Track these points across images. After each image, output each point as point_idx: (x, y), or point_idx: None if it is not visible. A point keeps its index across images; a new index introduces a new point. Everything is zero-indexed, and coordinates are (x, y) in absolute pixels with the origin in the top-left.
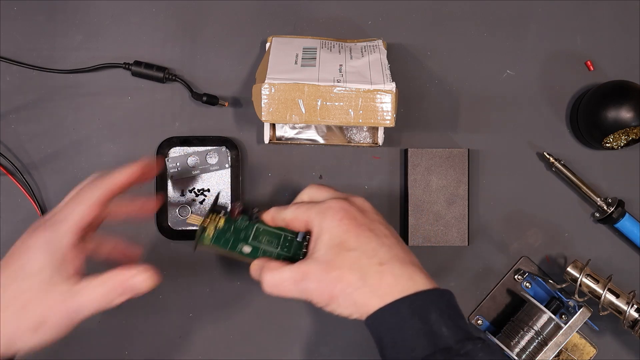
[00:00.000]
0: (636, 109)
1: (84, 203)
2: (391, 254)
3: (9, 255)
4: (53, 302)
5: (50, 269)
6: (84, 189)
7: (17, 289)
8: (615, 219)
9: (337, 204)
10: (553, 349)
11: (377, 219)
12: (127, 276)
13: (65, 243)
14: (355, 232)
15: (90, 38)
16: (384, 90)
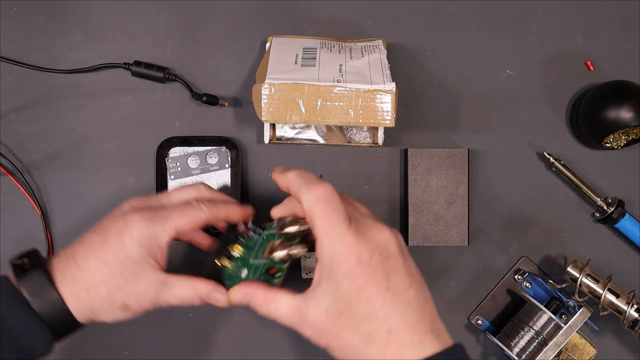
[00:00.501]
0: (636, 109)
1: (193, 215)
2: (403, 319)
3: (109, 226)
4: (144, 290)
5: (146, 260)
6: (201, 201)
7: (115, 270)
8: (615, 219)
9: (354, 253)
10: (553, 349)
11: (399, 266)
12: (212, 291)
13: (163, 240)
14: (369, 294)
15: (90, 38)
16: (384, 90)
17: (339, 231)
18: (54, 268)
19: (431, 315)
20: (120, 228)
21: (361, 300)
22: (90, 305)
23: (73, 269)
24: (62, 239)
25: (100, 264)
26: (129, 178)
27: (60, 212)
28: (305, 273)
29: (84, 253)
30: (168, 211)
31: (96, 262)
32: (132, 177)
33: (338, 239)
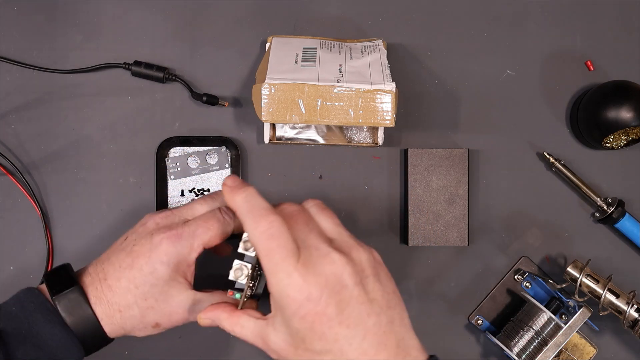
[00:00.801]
0: (636, 109)
1: (220, 229)
2: (361, 351)
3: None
4: (175, 310)
5: (176, 280)
6: (217, 217)
7: (146, 291)
8: (615, 219)
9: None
10: (553, 349)
11: (354, 296)
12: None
13: (192, 258)
14: (320, 332)
15: (90, 38)
16: (384, 90)
17: (284, 270)
18: (87, 288)
19: (396, 338)
20: (149, 250)
21: (314, 337)
22: (124, 325)
23: (106, 291)
24: (62, 239)
25: (133, 286)
26: (129, 178)
27: (60, 212)
28: None
29: (116, 276)
30: (193, 227)
31: (128, 285)
32: (132, 177)
33: (285, 278)
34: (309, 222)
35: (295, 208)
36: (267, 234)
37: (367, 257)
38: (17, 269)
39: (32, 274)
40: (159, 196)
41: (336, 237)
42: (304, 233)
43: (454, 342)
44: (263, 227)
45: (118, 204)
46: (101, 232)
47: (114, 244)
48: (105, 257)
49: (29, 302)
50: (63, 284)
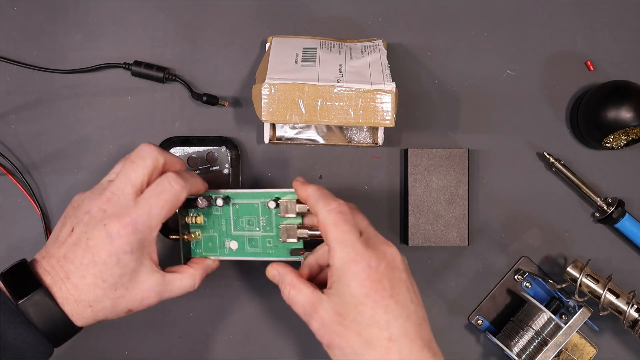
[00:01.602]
0: (636, 109)
1: (169, 204)
2: (403, 330)
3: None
4: (146, 294)
5: (142, 263)
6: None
7: (115, 282)
8: (615, 219)
9: (367, 260)
10: (553, 349)
11: (403, 279)
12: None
13: (152, 238)
14: (374, 299)
15: (90, 38)
16: (384, 90)
17: (350, 239)
18: (51, 288)
19: (428, 335)
20: (108, 243)
21: (366, 304)
22: (95, 317)
23: (72, 290)
24: None
25: (100, 281)
26: None
27: (60, 212)
28: None
29: (80, 274)
30: (147, 208)
31: (95, 280)
32: None
33: (350, 245)
34: (365, 219)
35: (345, 208)
36: (337, 210)
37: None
38: None
39: None
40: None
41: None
42: (362, 224)
43: (454, 342)
44: (334, 206)
45: None
46: None
47: (56, 233)
48: (58, 253)
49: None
50: (25, 285)
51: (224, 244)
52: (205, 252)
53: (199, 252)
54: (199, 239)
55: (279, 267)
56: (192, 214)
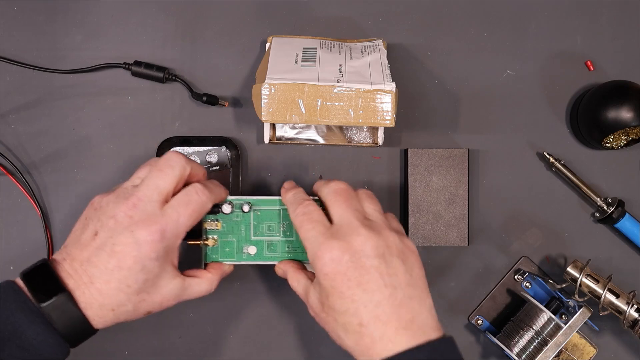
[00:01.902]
0: (636, 109)
1: (196, 214)
2: (374, 315)
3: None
4: (166, 298)
5: (165, 269)
6: (195, 199)
7: (139, 287)
8: (615, 219)
9: (327, 252)
10: (553, 349)
11: (374, 266)
12: (224, 270)
13: (176, 246)
14: (340, 290)
15: (90, 38)
16: (384, 90)
17: (312, 236)
18: (74, 292)
19: (412, 314)
20: (135, 250)
21: (335, 294)
22: (117, 320)
23: (96, 295)
24: (62, 239)
25: (125, 286)
26: (129, 178)
27: (60, 212)
28: None
29: (104, 278)
30: (175, 216)
31: (119, 285)
32: None
33: (314, 242)
34: (351, 200)
35: (343, 186)
36: (301, 212)
37: (397, 241)
38: (17, 269)
39: None
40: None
41: (374, 219)
42: (341, 209)
43: None
44: (299, 209)
45: None
46: None
47: (77, 235)
48: (80, 256)
49: (10, 302)
50: (47, 287)
51: (243, 249)
52: (222, 257)
53: (215, 257)
54: (216, 245)
55: (284, 264)
56: (211, 220)
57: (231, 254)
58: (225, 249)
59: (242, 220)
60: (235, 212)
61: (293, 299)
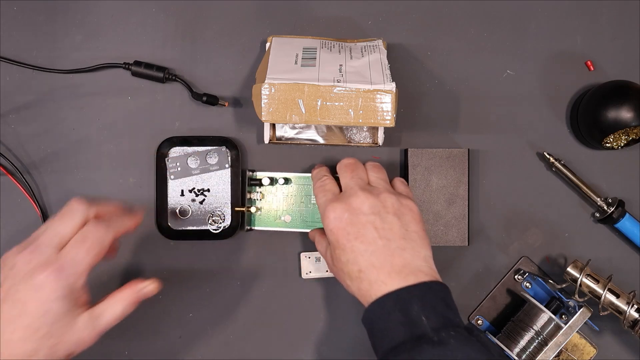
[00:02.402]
0: (636, 109)
1: (94, 249)
2: (370, 262)
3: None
4: (81, 336)
5: (72, 308)
6: (91, 236)
7: (48, 331)
8: (615, 219)
9: (331, 212)
10: (553, 349)
11: (370, 221)
12: (140, 288)
13: (81, 283)
14: (342, 243)
15: (90, 38)
16: (384, 90)
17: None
18: None
19: (404, 261)
20: (35, 292)
21: (338, 247)
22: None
23: (4, 348)
24: None
25: (31, 333)
26: (129, 178)
27: None
28: (305, 273)
29: (10, 329)
30: (72, 254)
31: (25, 333)
32: (132, 177)
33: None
34: (356, 171)
35: (350, 161)
36: (319, 185)
37: (393, 201)
38: None
39: None
40: (159, 196)
41: (376, 184)
42: (347, 178)
43: None
44: (318, 183)
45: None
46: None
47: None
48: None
49: None
50: None
51: (280, 217)
52: (263, 224)
53: (258, 224)
54: (258, 212)
55: (313, 231)
56: (255, 191)
57: (270, 221)
58: (265, 217)
59: (280, 192)
60: (275, 185)
61: (293, 299)
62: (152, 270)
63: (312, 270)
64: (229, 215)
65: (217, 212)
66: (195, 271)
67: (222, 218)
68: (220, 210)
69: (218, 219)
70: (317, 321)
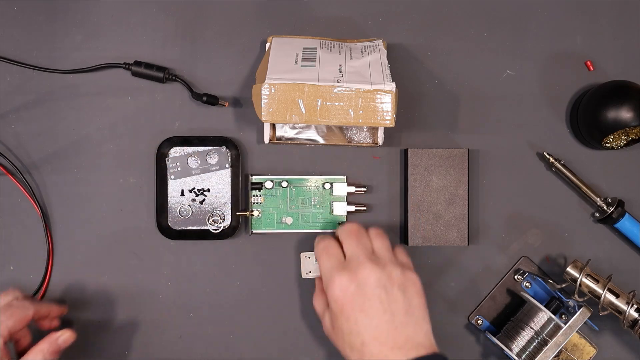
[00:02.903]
0: (636, 109)
1: (21, 314)
2: (373, 335)
3: None
4: None
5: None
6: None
7: None
8: (615, 219)
9: (337, 281)
10: (553, 348)
11: (376, 294)
12: (55, 339)
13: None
14: (347, 314)
15: (90, 38)
16: (384, 91)
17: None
18: None
19: (406, 336)
20: None
21: (342, 317)
22: None
23: None
24: (62, 239)
25: None
26: (129, 178)
27: (60, 212)
28: (305, 273)
29: None
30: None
31: None
32: (132, 177)
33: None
34: (361, 239)
35: (355, 227)
36: (322, 246)
37: (398, 273)
38: (17, 269)
39: (32, 274)
40: (159, 196)
41: (381, 254)
42: (352, 246)
43: (454, 342)
44: (321, 244)
45: (118, 204)
46: (101, 232)
47: None
48: None
49: None
50: None
51: (281, 219)
52: (264, 227)
53: (260, 227)
54: (259, 216)
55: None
56: (256, 195)
57: (271, 224)
58: (267, 219)
59: (281, 195)
60: (275, 188)
61: (293, 299)
62: (152, 270)
63: (312, 270)
64: (229, 215)
65: (217, 212)
66: (195, 271)
67: (222, 218)
68: (220, 210)
69: (218, 219)
70: (317, 321)
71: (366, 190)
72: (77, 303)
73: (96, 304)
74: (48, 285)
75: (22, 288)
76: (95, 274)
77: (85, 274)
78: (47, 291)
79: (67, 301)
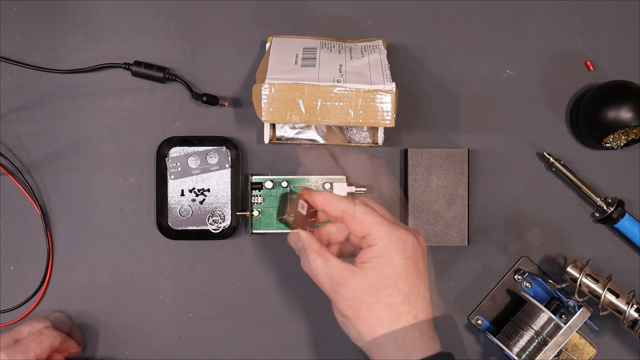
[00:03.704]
0: (636, 109)
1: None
2: (428, 311)
3: None
4: None
5: None
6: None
7: None
8: (615, 219)
9: (411, 240)
10: (553, 348)
11: (423, 264)
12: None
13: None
14: (412, 278)
15: (90, 38)
16: (384, 91)
17: (388, 222)
18: None
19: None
20: None
21: (406, 280)
22: None
23: None
24: (62, 239)
25: None
26: (129, 178)
27: (60, 212)
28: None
29: None
30: (26, 343)
31: None
32: (132, 177)
33: (392, 227)
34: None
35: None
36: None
37: None
38: (17, 269)
39: (32, 274)
40: (159, 196)
41: None
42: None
43: (454, 342)
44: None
45: (118, 204)
46: (101, 232)
47: None
48: None
49: None
50: None
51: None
52: (264, 227)
53: (260, 227)
54: (259, 216)
55: (305, 234)
56: (255, 195)
57: (271, 224)
58: (266, 219)
59: (280, 194)
60: (275, 188)
61: (293, 299)
62: (152, 270)
63: None
64: (229, 215)
65: (217, 212)
66: (195, 271)
67: (222, 218)
68: (220, 210)
69: (218, 219)
70: (317, 321)
71: (366, 190)
72: (77, 303)
73: (96, 304)
74: (48, 285)
75: (22, 288)
76: (95, 274)
77: (85, 274)
78: (47, 291)
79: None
